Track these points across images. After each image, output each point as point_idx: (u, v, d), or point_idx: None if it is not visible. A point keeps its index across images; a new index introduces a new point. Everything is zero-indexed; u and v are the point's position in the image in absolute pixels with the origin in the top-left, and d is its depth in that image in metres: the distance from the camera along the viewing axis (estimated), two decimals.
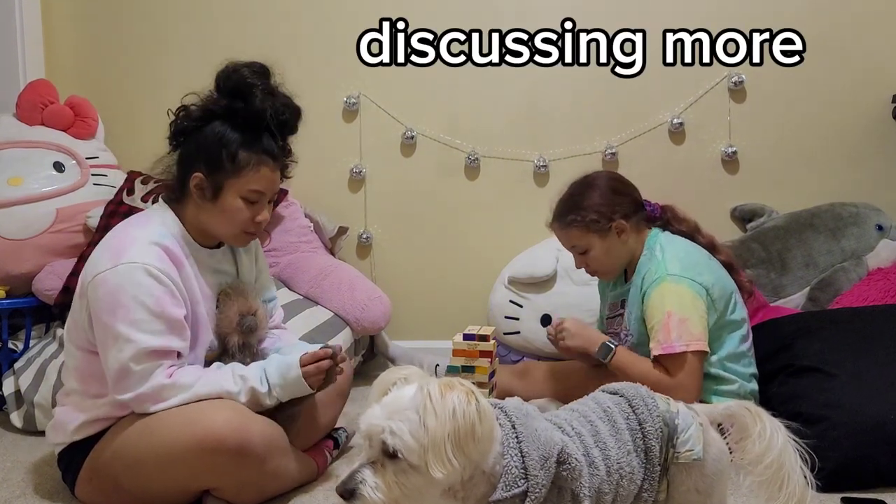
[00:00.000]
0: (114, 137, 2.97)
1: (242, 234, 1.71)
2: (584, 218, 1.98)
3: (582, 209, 1.99)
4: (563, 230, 2.04)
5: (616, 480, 1.17)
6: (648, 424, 1.21)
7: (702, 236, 2.05)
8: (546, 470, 1.09)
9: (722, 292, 1.93)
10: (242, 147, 1.64)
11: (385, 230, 3.01)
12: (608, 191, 2.01)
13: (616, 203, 1.99)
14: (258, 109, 1.64)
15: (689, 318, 1.83)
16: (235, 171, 1.64)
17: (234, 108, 1.65)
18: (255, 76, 1.67)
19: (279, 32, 3.00)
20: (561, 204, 2.05)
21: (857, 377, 1.86)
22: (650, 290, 1.89)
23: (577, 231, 2.00)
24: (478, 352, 1.99)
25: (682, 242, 2.00)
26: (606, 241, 1.99)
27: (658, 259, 1.93)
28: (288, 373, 1.65)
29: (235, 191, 1.66)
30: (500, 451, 1.10)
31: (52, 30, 3.10)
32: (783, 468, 1.21)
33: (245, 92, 1.65)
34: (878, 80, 2.77)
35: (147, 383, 1.55)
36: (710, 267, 1.95)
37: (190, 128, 1.68)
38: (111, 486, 1.63)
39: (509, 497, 1.08)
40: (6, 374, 2.42)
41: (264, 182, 1.68)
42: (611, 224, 1.98)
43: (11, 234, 2.57)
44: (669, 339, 1.82)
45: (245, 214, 1.68)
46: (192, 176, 1.66)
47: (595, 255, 2.01)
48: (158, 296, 1.56)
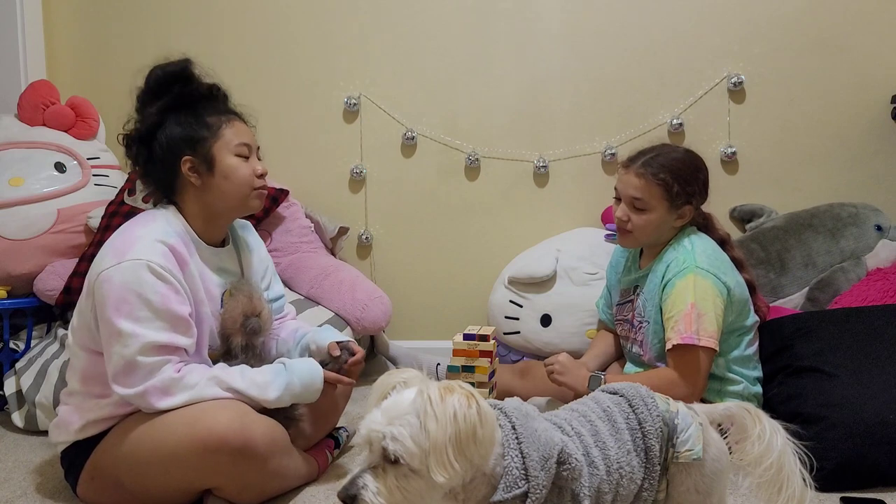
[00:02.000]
0: (115, 138, 2.96)
1: (252, 192, 1.75)
2: (672, 184, 1.94)
3: (678, 175, 1.94)
4: (642, 178, 1.96)
5: (616, 480, 1.18)
6: (648, 424, 1.22)
7: (731, 250, 2.06)
8: (546, 470, 1.09)
9: (741, 296, 1.95)
10: (206, 114, 1.72)
11: (385, 230, 3.02)
12: (703, 178, 2.00)
13: (700, 193, 1.99)
14: (202, 82, 1.74)
15: (707, 314, 1.85)
16: (215, 134, 1.71)
17: (179, 94, 1.72)
18: (180, 64, 1.74)
19: (279, 33, 3.01)
20: (659, 155, 1.98)
21: (857, 377, 1.86)
22: (675, 280, 1.90)
23: (658, 190, 1.95)
24: (478, 352, 2.00)
25: (711, 242, 2.01)
26: (668, 215, 1.97)
27: (687, 250, 1.94)
28: (310, 386, 1.70)
29: (226, 150, 1.71)
30: (501, 452, 1.11)
31: (52, 30, 3.11)
32: (783, 470, 1.21)
33: (180, 75, 1.72)
34: (878, 80, 2.77)
35: (156, 377, 1.55)
36: (733, 270, 1.98)
37: (151, 133, 1.72)
38: (113, 485, 1.63)
39: (510, 498, 1.08)
40: (8, 374, 2.42)
41: (243, 133, 1.75)
42: (684, 206, 1.97)
43: (13, 234, 2.57)
44: (690, 331, 1.84)
45: (245, 170, 1.73)
46: (182, 162, 1.69)
47: (648, 219, 1.97)
48: (163, 293, 1.56)
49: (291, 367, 1.70)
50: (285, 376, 1.67)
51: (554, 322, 2.64)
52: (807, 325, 2.11)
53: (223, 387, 1.61)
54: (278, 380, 1.67)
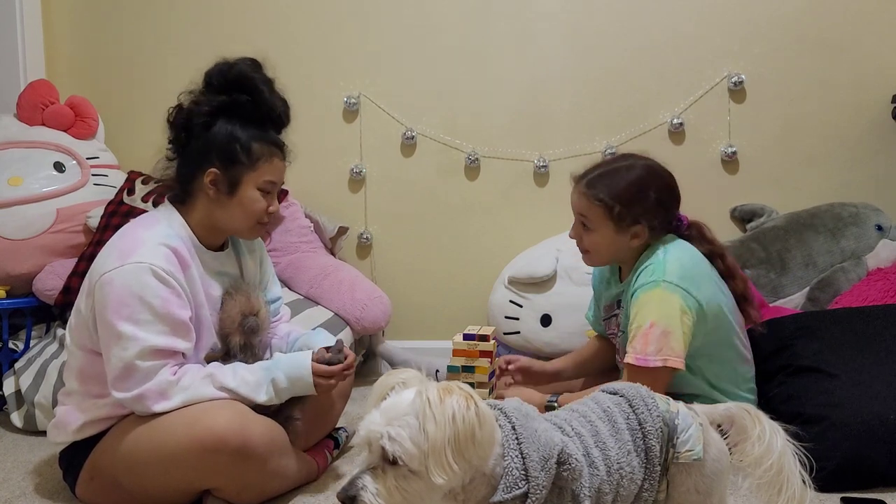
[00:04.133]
0: (114, 137, 2.97)
1: (257, 225, 1.74)
2: (611, 204, 1.80)
3: (616, 195, 1.80)
4: (582, 197, 1.85)
5: (616, 480, 1.17)
6: (649, 424, 1.22)
7: (722, 262, 1.89)
8: (546, 471, 1.09)
9: (716, 311, 1.79)
10: (255, 140, 1.68)
11: (385, 230, 3.02)
12: (654, 198, 1.82)
13: (652, 212, 1.82)
14: (267, 102, 1.69)
15: (673, 331, 1.70)
16: (251, 164, 1.68)
17: (240, 102, 1.68)
18: (252, 70, 1.70)
19: (279, 32, 3.00)
20: (602, 176, 1.84)
21: (858, 377, 1.86)
22: (640, 292, 1.76)
23: (598, 210, 1.82)
24: (478, 352, 2.00)
25: (690, 251, 1.84)
26: (617, 235, 1.83)
27: (658, 260, 1.79)
28: (299, 380, 1.66)
29: (253, 183, 1.69)
30: (500, 452, 1.10)
31: (52, 30, 3.10)
32: (783, 471, 1.21)
33: (249, 86, 1.68)
34: (878, 80, 2.77)
35: (152, 380, 1.55)
36: (711, 282, 1.82)
37: (197, 126, 1.68)
38: (111, 485, 1.63)
39: (510, 499, 1.08)
40: (7, 374, 2.42)
41: (277, 173, 1.73)
42: (632, 226, 1.82)
43: (12, 234, 2.57)
44: (645, 351, 1.71)
45: (262, 205, 1.71)
46: (207, 172, 1.67)
47: (596, 240, 1.86)
48: (165, 297, 1.56)
49: (277, 362, 1.69)
50: (271, 372, 1.67)
51: (554, 322, 2.63)
52: (807, 324, 2.11)
53: (217, 385, 1.60)
54: (266, 375, 1.66)
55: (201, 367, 1.65)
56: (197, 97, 1.70)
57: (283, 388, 1.66)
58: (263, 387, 1.65)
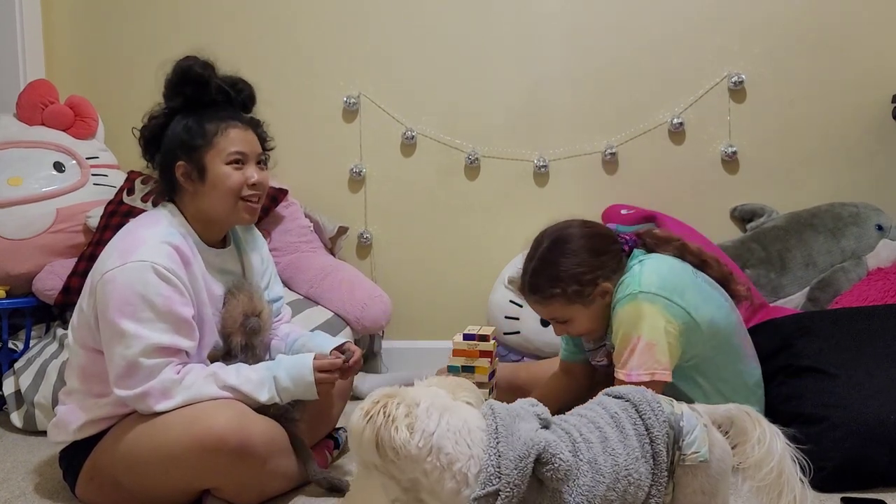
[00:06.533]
0: (114, 137, 2.96)
1: (241, 202, 1.72)
2: (564, 290, 1.73)
3: (561, 280, 1.74)
4: (538, 305, 1.80)
5: (623, 487, 1.17)
6: (656, 430, 1.21)
7: (690, 254, 1.84)
8: (520, 469, 1.11)
9: (708, 318, 1.74)
10: (205, 121, 1.70)
11: (385, 230, 3.01)
12: (587, 253, 1.76)
13: (598, 265, 1.75)
14: (211, 84, 1.72)
15: (658, 343, 1.66)
16: (208, 143, 1.69)
17: (186, 95, 1.71)
18: (187, 60, 1.73)
19: (279, 33, 3.00)
20: (535, 275, 1.78)
21: (857, 377, 1.85)
22: (618, 308, 1.72)
23: (559, 304, 1.76)
24: (478, 352, 1.99)
25: (669, 262, 1.79)
26: (590, 308, 1.77)
27: (634, 273, 1.74)
28: (300, 379, 1.66)
29: (218, 159, 1.70)
30: (469, 452, 1.14)
31: (52, 30, 3.10)
32: (783, 474, 1.21)
33: (191, 78, 1.71)
34: (878, 80, 2.77)
35: (156, 378, 1.55)
36: (696, 290, 1.76)
37: (157, 130, 1.73)
38: (111, 485, 1.63)
39: (483, 495, 1.11)
40: (6, 374, 2.42)
41: (238, 142, 1.72)
42: (594, 290, 1.75)
43: (11, 233, 2.57)
44: (629, 367, 1.67)
45: (235, 178, 1.70)
46: (176, 167, 1.69)
47: (579, 325, 1.80)
48: (167, 295, 1.56)
49: (279, 362, 1.69)
50: (273, 371, 1.67)
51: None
52: (807, 324, 2.11)
53: (220, 384, 1.61)
54: (268, 374, 1.66)
55: (204, 367, 1.65)
56: (153, 110, 1.75)
57: (284, 386, 1.66)
58: (266, 385, 1.65)
